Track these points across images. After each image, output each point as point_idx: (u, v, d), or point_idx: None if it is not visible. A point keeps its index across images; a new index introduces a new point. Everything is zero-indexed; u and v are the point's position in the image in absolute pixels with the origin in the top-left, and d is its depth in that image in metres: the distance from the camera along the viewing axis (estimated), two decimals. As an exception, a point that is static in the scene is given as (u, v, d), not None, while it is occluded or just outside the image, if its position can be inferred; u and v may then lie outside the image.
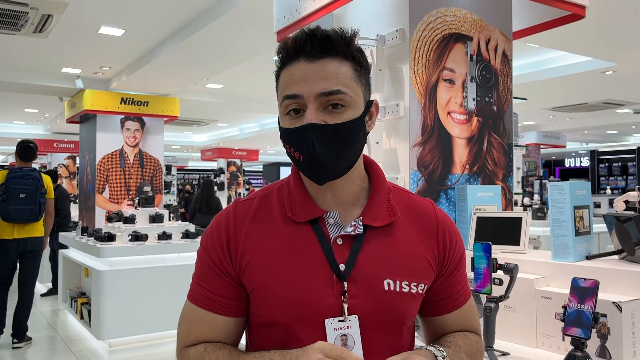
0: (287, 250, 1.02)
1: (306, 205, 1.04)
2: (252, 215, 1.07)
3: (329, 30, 1.00)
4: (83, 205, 8.47)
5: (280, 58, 1.02)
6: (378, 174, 1.10)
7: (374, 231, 1.04)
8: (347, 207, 1.06)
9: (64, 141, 13.97)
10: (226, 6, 4.54)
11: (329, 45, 0.98)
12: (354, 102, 1.00)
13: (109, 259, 5.40)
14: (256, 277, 1.01)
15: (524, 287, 1.85)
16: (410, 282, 1.02)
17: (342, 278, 0.99)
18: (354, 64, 1.01)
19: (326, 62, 0.98)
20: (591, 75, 7.01)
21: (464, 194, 2.43)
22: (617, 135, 15.83)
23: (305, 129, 0.96)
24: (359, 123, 1.00)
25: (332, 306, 0.98)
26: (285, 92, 0.99)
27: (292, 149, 1.00)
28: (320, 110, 0.97)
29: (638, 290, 1.63)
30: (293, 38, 1.00)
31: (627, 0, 4.41)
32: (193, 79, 7.41)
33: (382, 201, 1.07)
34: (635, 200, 2.73)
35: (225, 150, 17.32)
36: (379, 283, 1.00)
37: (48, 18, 4.93)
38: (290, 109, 0.99)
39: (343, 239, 1.03)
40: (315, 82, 0.97)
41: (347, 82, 0.99)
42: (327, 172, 1.00)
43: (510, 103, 2.75)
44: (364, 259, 1.01)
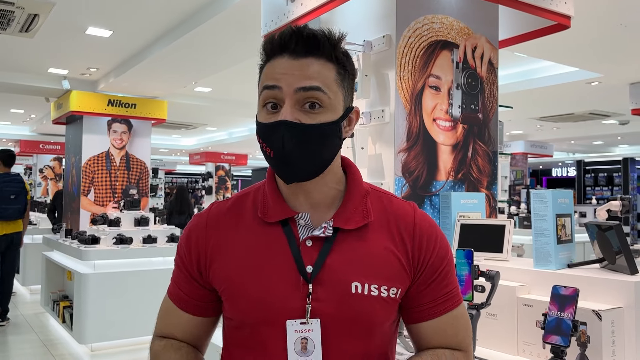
0: (255, 251, 1.02)
1: (277, 206, 1.04)
2: (224, 215, 1.08)
3: (317, 30, 0.99)
4: (67, 208, 8.39)
5: (264, 52, 1.02)
6: (355, 177, 1.09)
7: (345, 234, 1.02)
8: (321, 210, 1.05)
9: (50, 142, 13.84)
10: (215, 9, 4.53)
11: (315, 44, 0.98)
12: (332, 105, 0.98)
13: (93, 262, 5.35)
14: (224, 279, 1.02)
15: (506, 294, 1.85)
16: (380, 286, 0.99)
17: (308, 280, 0.98)
18: (337, 67, 1.00)
19: (309, 62, 0.97)
20: (577, 85, 7.08)
21: (448, 201, 2.44)
22: (603, 145, 16.00)
23: (278, 125, 0.96)
24: (333, 127, 0.99)
25: (296, 308, 0.97)
26: (264, 82, 0.99)
27: (264, 144, 0.99)
28: (297, 108, 0.97)
29: (618, 299, 1.64)
30: (279, 34, 1.00)
31: (613, 11, 4.46)
32: (182, 82, 7.37)
33: (356, 204, 1.05)
34: (617, 209, 2.75)
35: (213, 154, 17.26)
36: (345, 286, 0.98)
37: (34, 18, 4.88)
38: (267, 101, 0.99)
39: (312, 240, 1.01)
40: (296, 77, 0.96)
41: (328, 83, 0.98)
42: (294, 172, 0.99)
43: (495, 111, 2.76)
44: (332, 261, 1.00)
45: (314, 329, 0.97)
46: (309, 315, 0.97)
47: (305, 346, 0.96)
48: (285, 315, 0.97)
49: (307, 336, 0.96)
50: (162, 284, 5.58)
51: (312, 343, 0.96)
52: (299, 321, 0.97)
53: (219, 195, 17.21)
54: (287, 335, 0.96)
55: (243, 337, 1.02)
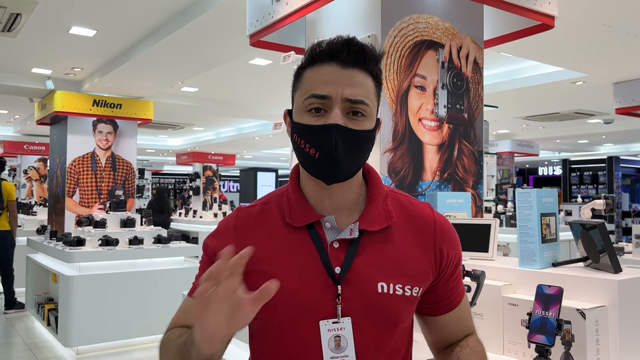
0: (285, 254, 1.06)
1: (304, 211, 1.09)
2: (252, 221, 1.12)
3: (363, 43, 1.06)
4: (52, 209, 8.29)
5: (309, 57, 1.07)
6: (375, 180, 1.15)
7: (370, 235, 1.07)
8: (345, 212, 1.10)
9: (34, 143, 13.67)
10: (200, 9, 4.50)
11: (362, 57, 1.04)
12: (371, 115, 1.06)
13: (78, 264, 5.29)
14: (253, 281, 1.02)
15: (491, 293, 1.85)
16: (404, 285, 1.06)
17: (337, 281, 1.03)
18: (375, 81, 1.07)
19: (356, 72, 1.04)
20: (562, 85, 7.13)
21: (434, 201, 2.44)
22: (588, 144, 16.16)
23: (331, 128, 1.01)
24: (372, 134, 1.07)
25: (327, 308, 1.02)
26: (313, 90, 1.04)
27: (307, 145, 1.03)
28: (343, 114, 1.03)
29: (602, 297, 1.64)
30: (329, 42, 1.05)
31: (597, 12, 4.50)
32: (168, 82, 7.32)
33: (378, 206, 1.10)
34: (601, 208, 2.77)
35: (201, 154, 17.15)
36: (372, 286, 1.04)
37: (17, 17, 4.82)
38: (312, 107, 1.04)
39: (339, 242, 1.06)
40: (345, 87, 1.02)
41: (370, 95, 1.05)
42: (339, 173, 1.04)
43: (481, 111, 2.77)
44: (359, 262, 1.05)
45: (345, 327, 1.02)
46: (340, 314, 1.02)
47: (339, 343, 1.02)
48: (316, 315, 1.02)
49: (340, 334, 1.02)
50: (148, 286, 5.53)
51: (345, 340, 1.02)
52: (331, 321, 1.02)
53: (207, 196, 17.11)
54: (321, 334, 1.02)
55: (271, 335, 1.06)
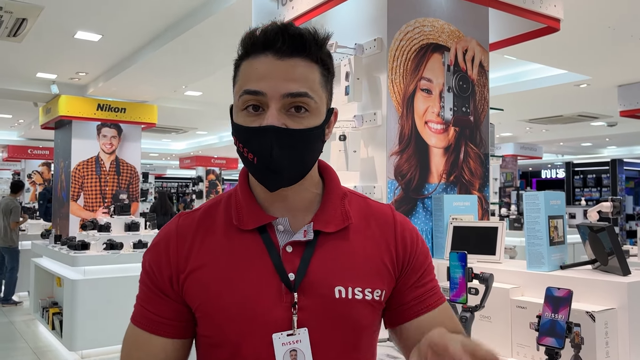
0: (232, 261, 0.95)
1: (253, 212, 0.98)
2: (195, 227, 1.00)
3: (303, 28, 0.94)
4: (57, 213, 8.31)
5: (244, 48, 0.95)
6: (332, 178, 1.05)
7: (327, 237, 0.98)
8: (299, 214, 0.99)
9: (38, 147, 13.72)
10: (205, 13, 4.52)
11: (301, 44, 0.92)
12: (317, 109, 0.94)
13: (83, 268, 5.30)
14: (199, 294, 0.94)
15: (500, 296, 1.85)
16: (364, 289, 0.95)
17: (292, 288, 0.92)
18: (322, 69, 0.95)
19: (295, 62, 0.91)
20: (566, 88, 7.13)
21: (440, 204, 2.44)
22: (592, 147, 16.13)
23: (265, 130, 0.89)
24: (319, 131, 0.95)
25: (281, 319, 0.92)
26: (246, 86, 0.92)
27: (245, 149, 0.93)
28: (282, 112, 0.91)
29: (611, 300, 1.64)
30: (263, 30, 0.93)
31: (601, 15, 4.50)
32: (171, 86, 7.34)
33: (335, 206, 1.01)
34: (608, 210, 2.77)
35: (204, 158, 17.19)
36: (329, 291, 0.93)
37: (22, 22, 4.84)
38: (249, 104, 0.92)
39: (293, 246, 0.96)
40: (282, 81, 0.90)
41: (314, 87, 0.93)
42: (280, 179, 0.93)
43: (486, 113, 2.77)
44: (315, 266, 0.95)
45: (302, 339, 0.91)
46: (295, 326, 0.91)
47: (296, 358, 0.91)
48: (270, 327, 0.91)
49: (296, 347, 0.91)
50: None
51: (302, 354, 0.91)
52: (286, 333, 0.91)
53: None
54: (275, 349, 0.91)
55: (221, 354, 0.94)
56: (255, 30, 0.94)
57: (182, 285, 0.96)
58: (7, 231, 7.70)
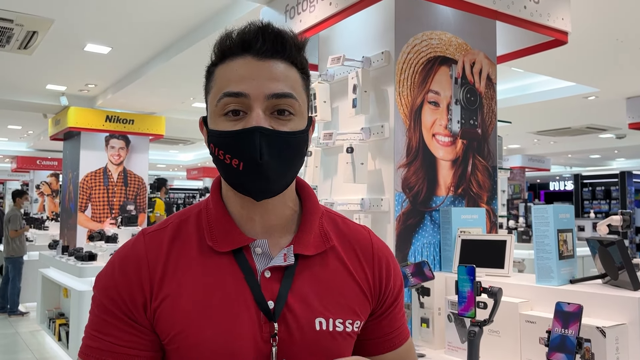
0: (206, 287, 0.86)
1: (229, 232, 0.90)
2: (166, 248, 0.90)
3: (281, 29, 0.89)
4: (64, 224, 8.34)
5: (219, 51, 0.90)
6: (310, 195, 0.98)
7: (306, 260, 0.91)
8: (276, 234, 0.92)
9: (47, 158, 13.81)
10: (213, 26, 4.55)
11: (281, 45, 0.87)
12: (301, 112, 0.89)
13: (90, 279, 5.29)
14: (173, 324, 0.85)
15: (508, 311, 1.83)
16: (345, 320, 0.90)
17: (272, 318, 0.86)
18: (301, 73, 0.91)
19: (276, 63, 0.87)
20: (574, 100, 7.11)
21: (448, 216, 2.42)
22: (600, 159, 16.04)
23: (252, 132, 0.83)
24: (305, 135, 0.90)
25: (260, 353, 0.84)
26: (226, 88, 0.86)
27: (228, 155, 0.85)
28: (267, 114, 0.85)
29: (622, 315, 1.62)
30: (240, 31, 0.88)
31: (609, 27, 4.50)
32: (179, 98, 7.38)
33: (314, 227, 0.94)
34: (618, 224, 2.74)
35: (211, 169, 17.23)
36: (310, 322, 0.87)
37: (33, 35, 4.90)
38: (229, 109, 0.86)
39: (271, 271, 0.88)
40: (265, 81, 0.85)
41: (297, 89, 0.89)
42: (268, 186, 0.86)
43: (494, 126, 2.76)
44: (296, 294, 0.88)
45: None
46: (275, 359, 0.85)
47: None
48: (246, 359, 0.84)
49: None
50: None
51: None
52: None
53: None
54: None
55: None
56: (232, 33, 0.89)
57: (154, 313, 0.86)
58: (7, 241, 7.67)
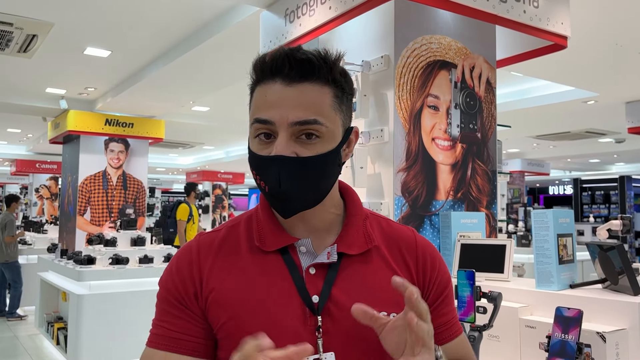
0: (255, 283, 0.94)
1: (275, 233, 0.97)
2: (217, 247, 0.98)
3: (312, 51, 0.92)
4: (63, 227, 8.33)
5: (254, 74, 0.95)
6: (354, 200, 1.04)
7: (350, 259, 0.96)
8: (321, 235, 0.99)
9: (46, 162, 13.81)
10: (214, 30, 4.56)
11: (310, 69, 0.90)
12: (329, 133, 0.92)
13: (88, 283, 5.29)
14: (222, 314, 0.93)
15: (508, 315, 1.83)
16: (389, 313, 0.93)
17: (316, 312, 0.91)
18: (335, 90, 0.93)
19: (304, 88, 0.90)
20: (574, 104, 7.11)
21: (448, 221, 2.42)
22: (600, 164, 16.05)
23: (273, 160, 0.89)
24: (332, 156, 0.93)
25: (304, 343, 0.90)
26: (256, 114, 0.92)
27: (258, 176, 0.93)
28: (292, 140, 0.90)
29: (622, 320, 1.62)
30: (270, 55, 0.92)
31: (609, 32, 4.50)
32: (179, 102, 7.38)
33: (358, 228, 1.00)
34: (617, 229, 2.74)
35: (210, 173, 17.24)
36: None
37: (33, 38, 4.90)
38: (260, 132, 0.92)
39: (316, 268, 0.95)
40: (290, 109, 0.89)
41: (325, 112, 0.91)
42: (292, 207, 0.93)
43: (494, 130, 2.76)
44: (339, 289, 0.93)
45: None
46: (322, 350, 0.90)
47: None
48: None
49: None
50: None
51: None
52: (312, 357, 0.89)
53: (216, 215, 17.14)
54: None
55: None
56: (265, 56, 0.93)
57: (205, 303, 0.94)
58: (1, 246, 7.69)
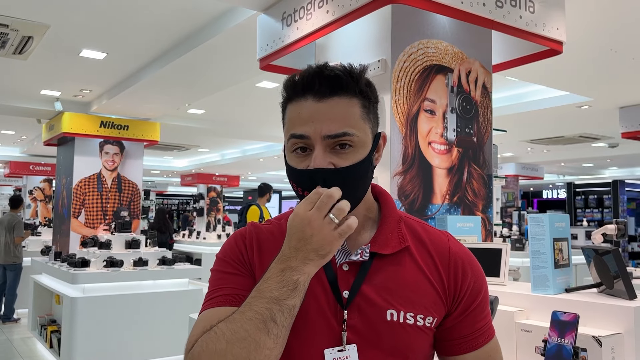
0: None
1: None
2: (264, 235, 1.07)
3: (339, 67, 0.99)
4: (57, 230, 8.28)
5: (286, 92, 1.01)
6: (388, 202, 1.10)
7: (382, 259, 1.01)
8: (355, 235, 1.04)
9: (40, 164, 13.73)
10: (210, 33, 4.56)
11: (338, 84, 0.97)
12: (361, 142, 0.99)
13: (82, 286, 5.27)
14: None
15: (504, 319, 1.83)
16: (416, 314, 0.98)
17: (344, 306, 0.97)
18: (362, 100, 1.00)
19: (334, 102, 0.97)
20: (568, 109, 7.15)
21: (444, 225, 2.43)
22: (593, 168, 16.13)
23: (314, 173, 0.96)
24: (366, 163, 1.00)
25: (332, 334, 0.96)
26: (291, 130, 0.99)
27: (299, 188, 1.00)
28: (328, 151, 0.97)
29: (617, 324, 1.62)
30: (301, 74, 0.99)
31: (603, 38, 4.53)
32: (175, 104, 7.37)
33: (391, 229, 1.05)
34: (612, 233, 2.76)
35: (205, 175, 17.19)
36: (381, 313, 0.97)
37: (28, 40, 4.88)
38: (297, 147, 0.99)
39: (349, 265, 1.01)
40: (323, 122, 0.96)
41: (355, 123, 0.98)
42: None
43: (490, 134, 2.77)
44: (369, 287, 0.99)
45: (351, 355, 0.95)
46: (345, 342, 0.96)
47: None
48: (320, 341, 0.96)
49: None
50: (152, 308, 5.48)
51: None
52: (337, 349, 0.96)
53: (211, 217, 17.10)
54: None
55: None
56: (295, 76, 1.00)
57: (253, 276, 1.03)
58: (8, 248, 7.68)
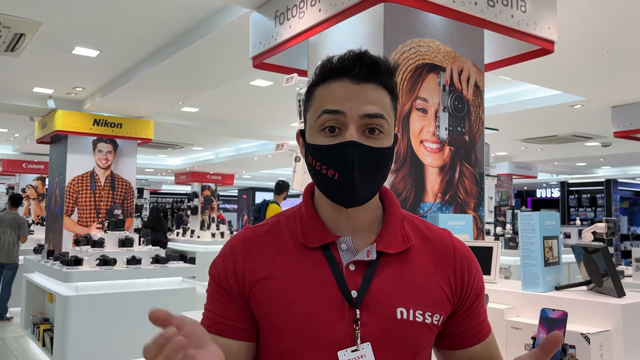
0: (297, 276, 1.00)
1: (318, 231, 1.03)
2: (262, 240, 1.05)
3: (376, 56, 1.00)
4: (50, 228, 8.25)
5: (320, 74, 1.01)
6: (392, 201, 1.09)
7: (388, 258, 1.02)
8: (361, 234, 1.04)
9: (33, 162, 13.67)
10: (203, 31, 4.55)
11: (375, 71, 0.98)
12: (389, 130, 1.00)
13: (75, 284, 5.25)
14: (265, 303, 0.99)
15: (494, 317, 1.84)
16: (424, 312, 1.00)
17: (354, 305, 0.97)
18: (391, 95, 1.01)
19: (370, 87, 0.98)
20: (561, 108, 7.18)
21: (436, 223, 2.43)
22: (586, 167, 16.21)
23: (347, 145, 0.95)
24: (391, 152, 1.01)
25: (344, 335, 0.96)
26: (325, 106, 0.98)
27: (324, 166, 0.97)
28: (359, 132, 0.97)
29: (606, 322, 1.64)
30: (339, 57, 1.00)
31: (595, 37, 4.56)
32: (168, 102, 7.35)
33: (396, 228, 1.05)
34: (602, 231, 2.78)
35: (199, 174, 17.16)
36: (391, 311, 0.98)
37: (21, 37, 4.86)
38: (327, 125, 0.98)
39: (356, 265, 1.00)
40: (360, 103, 0.96)
41: (387, 110, 0.99)
42: (357, 195, 0.98)
43: (482, 133, 2.78)
44: (377, 286, 0.99)
45: (366, 354, 0.95)
46: (359, 341, 0.95)
47: None
48: (332, 342, 0.95)
49: None
50: (145, 306, 5.49)
51: None
52: (350, 349, 0.95)
53: (205, 216, 17.07)
54: None
55: None
56: (332, 58, 1.00)
57: (248, 293, 1.01)
58: (12, 246, 7.60)
